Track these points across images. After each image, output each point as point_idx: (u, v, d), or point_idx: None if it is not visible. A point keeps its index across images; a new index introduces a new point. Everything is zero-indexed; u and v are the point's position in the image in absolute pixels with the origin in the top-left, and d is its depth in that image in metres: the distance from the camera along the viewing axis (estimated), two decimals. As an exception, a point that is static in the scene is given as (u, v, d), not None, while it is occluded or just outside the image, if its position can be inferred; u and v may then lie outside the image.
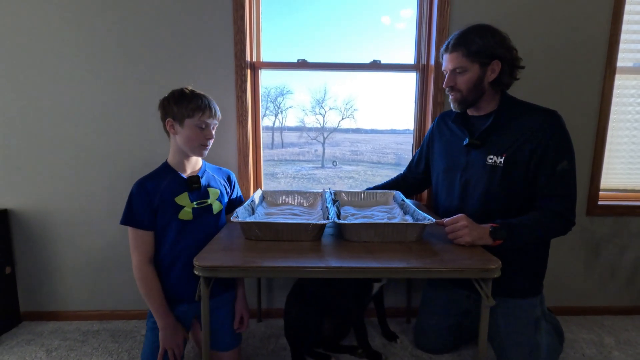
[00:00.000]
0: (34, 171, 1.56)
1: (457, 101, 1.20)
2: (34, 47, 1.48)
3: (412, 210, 1.17)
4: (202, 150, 1.18)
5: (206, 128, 1.16)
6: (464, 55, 1.11)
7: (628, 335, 1.59)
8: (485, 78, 1.13)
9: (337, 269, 0.86)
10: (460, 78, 1.15)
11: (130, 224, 1.10)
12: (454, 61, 1.14)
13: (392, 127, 1.93)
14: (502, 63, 1.12)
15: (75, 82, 1.51)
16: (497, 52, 1.10)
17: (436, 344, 1.42)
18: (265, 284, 1.71)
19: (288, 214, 1.27)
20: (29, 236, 1.61)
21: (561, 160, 1.09)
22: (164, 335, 1.12)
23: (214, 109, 1.17)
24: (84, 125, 1.54)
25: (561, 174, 1.09)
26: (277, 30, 1.65)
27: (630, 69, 1.61)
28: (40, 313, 1.67)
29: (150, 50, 1.50)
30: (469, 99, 1.17)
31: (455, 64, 1.14)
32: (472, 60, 1.11)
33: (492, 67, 1.12)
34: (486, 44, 1.09)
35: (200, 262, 0.87)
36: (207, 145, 1.18)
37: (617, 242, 1.70)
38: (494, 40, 1.10)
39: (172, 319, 1.13)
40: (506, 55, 1.11)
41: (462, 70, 1.14)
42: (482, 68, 1.12)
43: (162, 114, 1.16)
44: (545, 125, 1.09)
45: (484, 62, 1.11)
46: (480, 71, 1.12)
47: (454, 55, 1.13)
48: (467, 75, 1.13)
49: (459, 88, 1.16)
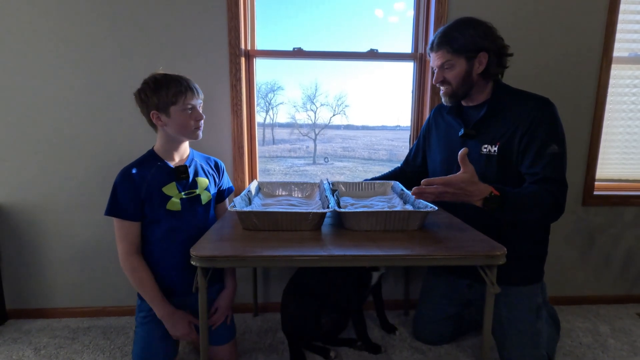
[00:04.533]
0: (19, 164, 1.50)
1: (447, 95, 1.21)
2: (17, 38, 1.41)
3: (413, 199, 1.15)
4: (197, 132, 1.14)
5: (193, 110, 1.11)
6: (448, 52, 1.13)
7: (622, 323, 1.61)
8: (474, 70, 1.14)
9: (341, 257, 0.84)
10: (449, 73, 1.16)
11: (115, 214, 1.06)
12: (440, 58, 1.16)
13: (383, 124, 1.92)
14: (489, 54, 1.12)
15: (61, 72, 1.45)
16: (482, 44, 1.11)
17: (436, 335, 1.41)
18: (261, 277, 1.68)
19: (285, 204, 1.24)
20: (15, 231, 1.55)
21: (550, 143, 1.06)
22: (168, 325, 1.10)
23: (195, 88, 1.12)
24: (70, 117, 1.48)
25: (551, 156, 1.06)
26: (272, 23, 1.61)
27: (626, 59, 1.61)
28: (27, 311, 1.61)
29: (141, 37, 1.45)
30: (459, 92, 1.19)
31: (442, 61, 1.16)
32: (457, 55, 1.12)
33: (478, 59, 1.13)
34: (470, 39, 1.10)
35: (198, 252, 0.84)
36: (200, 127, 1.14)
37: (612, 231, 1.72)
38: (477, 32, 1.10)
39: (169, 307, 1.10)
40: (491, 46, 1.12)
41: (449, 66, 1.15)
42: (469, 62, 1.13)
43: (142, 108, 1.10)
44: (536, 111, 1.09)
45: (470, 56, 1.12)
46: (467, 65, 1.13)
47: (439, 53, 1.15)
48: (455, 70, 1.15)
49: (448, 82, 1.18)
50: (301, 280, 1.36)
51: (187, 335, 1.11)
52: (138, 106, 1.11)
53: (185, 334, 1.10)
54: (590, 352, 1.40)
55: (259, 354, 1.36)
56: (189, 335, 1.11)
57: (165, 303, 1.10)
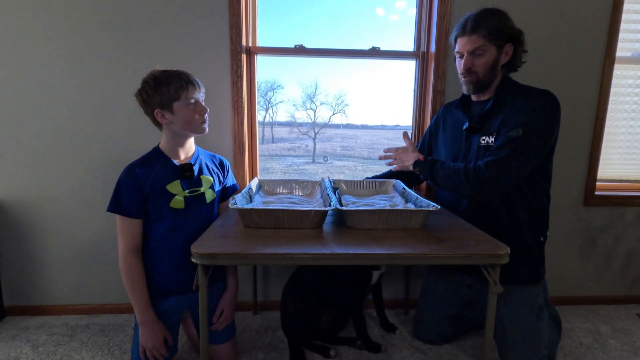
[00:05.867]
0: (18, 161, 1.49)
1: (472, 83, 1.18)
2: (18, 34, 1.40)
3: (415, 197, 1.14)
4: (202, 126, 1.12)
5: (197, 103, 1.09)
6: (484, 36, 1.11)
7: (623, 323, 1.60)
8: (500, 60, 1.14)
9: (343, 255, 0.83)
10: (479, 60, 1.14)
11: (118, 211, 1.05)
12: (474, 43, 1.12)
13: (383, 123, 1.92)
14: (515, 46, 1.13)
15: (61, 69, 1.44)
16: (512, 34, 1.11)
17: (436, 335, 1.41)
18: (261, 275, 1.68)
19: (286, 202, 1.23)
20: (13, 227, 1.54)
21: (516, 128, 1.05)
22: (143, 333, 1.07)
23: (196, 81, 1.10)
24: (71, 115, 1.47)
25: (509, 139, 1.04)
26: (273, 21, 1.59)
27: (628, 58, 1.60)
28: (25, 307, 1.60)
29: (142, 34, 1.44)
30: (484, 81, 1.17)
31: (475, 45, 1.12)
32: (491, 41, 1.11)
33: (505, 50, 1.13)
34: (503, 26, 1.10)
35: (198, 250, 0.83)
36: (205, 120, 1.12)
37: (613, 232, 1.71)
38: (508, 22, 1.11)
39: (152, 316, 1.08)
40: (519, 38, 1.13)
41: (481, 52, 1.13)
42: (498, 50, 1.13)
43: (145, 108, 1.08)
44: (527, 100, 1.09)
45: (500, 45, 1.12)
46: (497, 53, 1.13)
47: (474, 37, 1.12)
48: (486, 57, 1.13)
49: (475, 70, 1.16)
50: (301, 279, 1.36)
51: (156, 349, 1.07)
52: (140, 106, 1.08)
53: (155, 347, 1.07)
54: (591, 352, 1.40)
55: (259, 352, 1.36)
56: (158, 349, 1.08)
57: (149, 310, 1.07)
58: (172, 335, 1.13)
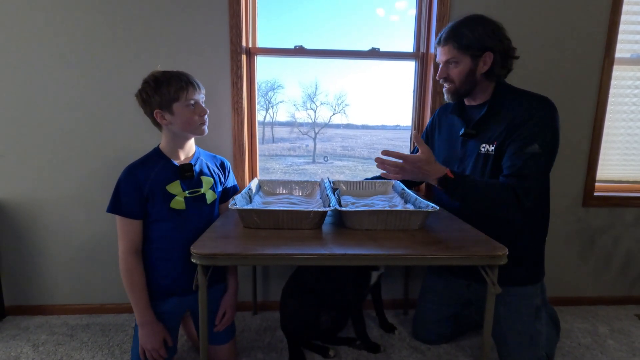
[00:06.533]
0: (19, 161, 1.49)
1: (450, 92, 1.21)
2: (16, 34, 1.41)
3: (414, 198, 1.15)
4: (202, 127, 1.12)
5: (196, 105, 1.10)
6: (455, 48, 1.12)
7: (621, 324, 1.61)
8: (478, 70, 1.14)
9: (342, 256, 0.83)
10: (453, 70, 1.16)
11: (117, 212, 1.05)
12: (447, 54, 1.15)
13: (383, 123, 1.92)
14: (494, 54, 1.11)
15: (61, 69, 1.44)
16: (489, 43, 1.10)
17: (435, 335, 1.41)
18: (260, 276, 1.68)
19: (286, 203, 1.23)
20: (13, 227, 1.54)
21: (532, 142, 1.05)
22: (142, 334, 1.07)
23: (196, 82, 1.10)
24: (70, 114, 1.47)
25: (529, 155, 1.05)
26: (273, 21, 1.59)
27: (627, 60, 1.61)
28: (25, 307, 1.60)
29: (142, 35, 1.44)
30: (461, 90, 1.19)
31: (448, 57, 1.15)
32: (463, 52, 1.12)
33: (483, 59, 1.12)
34: (477, 37, 1.10)
35: (198, 250, 0.84)
36: (205, 121, 1.13)
37: (612, 233, 1.72)
38: (486, 31, 1.10)
39: (151, 317, 1.08)
40: (498, 47, 1.11)
41: (454, 63, 1.15)
42: (474, 60, 1.13)
43: (145, 108, 1.08)
44: (530, 109, 1.09)
45: (475, 55, 1.12)
46: (472, 63, 1.13)
47: (446, 48, 1.15)
48: (460, 67, 1.14)
49: (452, 79, 1.18)
50: (300, 279, 1.36)
51: (156, 350, 1.08)
52: (140, 107, 1.09)
53: (154, 348, 1.07)
54: (589, 352, 1.40)
55: (258, 353, 1.36)
56: (157, 351, 1.08)
57: (148, 310, 1.08)
58: (171, 336, 1.13)
